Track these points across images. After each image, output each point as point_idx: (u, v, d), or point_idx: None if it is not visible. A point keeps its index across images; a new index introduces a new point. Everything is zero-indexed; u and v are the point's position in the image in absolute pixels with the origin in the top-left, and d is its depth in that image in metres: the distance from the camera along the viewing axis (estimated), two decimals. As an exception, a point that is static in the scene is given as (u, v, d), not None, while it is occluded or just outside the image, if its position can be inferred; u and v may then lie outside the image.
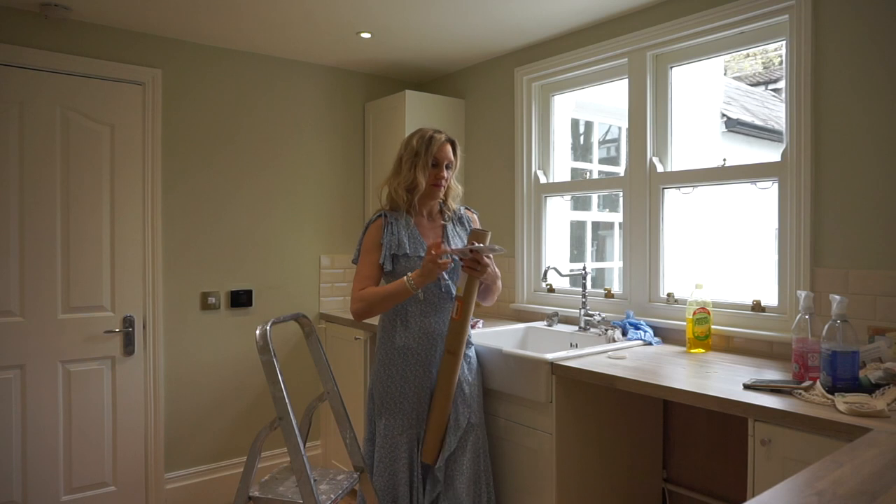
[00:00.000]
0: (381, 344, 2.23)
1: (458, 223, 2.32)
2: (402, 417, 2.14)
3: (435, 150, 2.17)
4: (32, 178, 2.69)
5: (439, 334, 2.17)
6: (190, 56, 3.09)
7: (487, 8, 2.65)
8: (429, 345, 2.16)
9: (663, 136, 2.64)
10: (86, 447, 2.81)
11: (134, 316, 2.93)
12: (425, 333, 2.16)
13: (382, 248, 2.15)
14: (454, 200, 2.32)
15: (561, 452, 2.11)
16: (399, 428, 2.14)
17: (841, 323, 1.64)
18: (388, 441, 2.14)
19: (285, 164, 3.39)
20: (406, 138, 2.24)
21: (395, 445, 2.13)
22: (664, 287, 2.63)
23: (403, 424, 2.14)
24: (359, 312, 2.12)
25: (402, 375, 2.15)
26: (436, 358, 2.17)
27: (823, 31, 2.08)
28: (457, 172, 2.28)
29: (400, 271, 2.14)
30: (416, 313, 2.17)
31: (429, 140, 2.17)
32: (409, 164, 2.17)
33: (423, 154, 2.16)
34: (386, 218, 2.19)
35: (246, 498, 1.94)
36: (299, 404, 2.82)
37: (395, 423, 2.14)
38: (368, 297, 2.10)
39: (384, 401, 2.17)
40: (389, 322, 2.20)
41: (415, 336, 2.16)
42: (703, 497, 2.42)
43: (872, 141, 1.97)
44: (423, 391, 2.15)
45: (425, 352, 2.16)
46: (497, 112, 3.34)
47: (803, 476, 0.99)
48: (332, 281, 3.57)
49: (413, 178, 2.16)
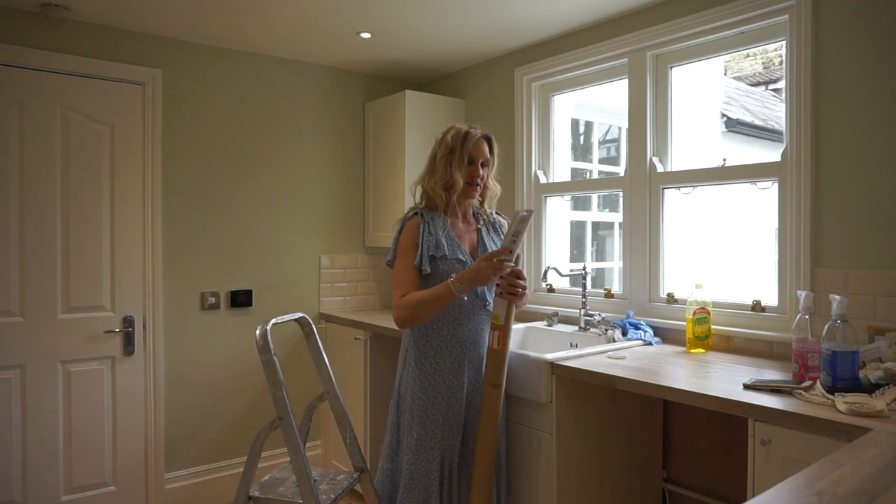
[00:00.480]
0: (410, 352, 2.11)
1: (492, 229, 2.21)
2: (434, 428, 2.03)
3: (470, 146, 2.06)
4: (32, 178, 2.69)
5: (471, 343, 2.08)
6: (190, 56, 3.09)
7: (487, 8, 2.65)
8: (460, 353, 2.06)
9: (663, 136, 2.64)
10: (86, 447, 2.81)
11: (134, 316, 2.93)
12: (458, 341, 2.06)
13: (419, 248, 2.02)
14: (491, 202, 2.22)
15: (561, 452, 2.10)
16: (432, 440, 2.02)
17: (841, 323, 1.64)
18: (421, 456, 2.02)
19: (285, 164, 3.39)
20: (441, 135, 2.12)
21: (430, 459, 2.02)
22: (664, 287, 2.63)
23: (436, 436, 2.02)
24: (402, 320, 2.01)
25: (434, 385, 2.05)
26: (465, 367, 2.07)
27: (823, 31, 2.08)
28: (494, 171, 2.17)
29: (437, 275, 2.02)
30: (448, 320, 2.06)
31: (464, 136, 2.06)
32: (444, 162, 2.06)
33: (458, 151, 2.05)
34: (422, 217, 2.07)
35: (246, 498, 1.94)
36: (299, 404, 2.81)
37: (427, 434, 2.02)
38: (411, 303, 1.98)
39: (415, 412, 2.04)
40: (420, 329, 2.08)
41: (447, 343, 2.06)
42: (703, 497, 2.42)
43: (872, 141, 1.97)
44: (456, 401, 2.05)
45: (457, 360, 2.06)
46: (497, 112, 3.34)
47: (803, 476, 0.99)
48: (332, 281, 3.57)
49: (450, 176, 2.05)
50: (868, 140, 1.98)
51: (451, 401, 2.05)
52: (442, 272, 2.02)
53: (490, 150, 2.12)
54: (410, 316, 1.99)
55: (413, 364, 2.08)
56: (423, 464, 2.02)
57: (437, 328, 2.06)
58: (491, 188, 2.17)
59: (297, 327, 2.49)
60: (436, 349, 2.06)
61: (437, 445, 2.02)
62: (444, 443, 2.03)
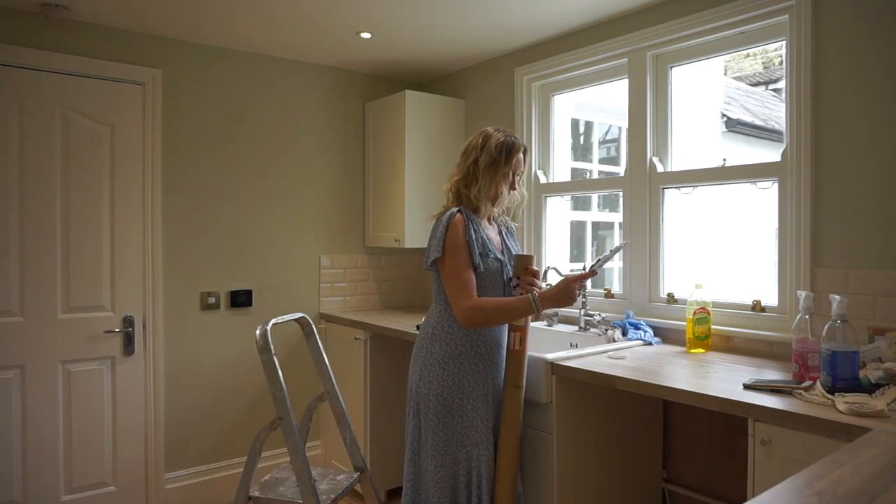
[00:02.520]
0: (434, 352, 2.04)
1: (507, 232, 2.22)
2: (462, 432, 1.99)
3: (514, 160, 2.06)
4: (32, 177, 2.69)
5: (496, 344, 2.07)
6: (190, 56, 3.09)
7: (487, 8, 2.65)
8: (487, 355, 2.04)
9: (663, 136, 2.64)
10: (86, 447, 2.81)
11: (134, 316, 2.93)
12: (485, 343, 2.04)
13: (470, 246, 1.99)
14: (515, 205, 2.21)
15: (561, 452, 2.10)
16: (460, 442, 1.99)
17: (841, 323, 1.64)
18: (448, 458, 1.98)
19: (285, 164, 3.39)
20: (479, 139, 2.08)
21: (457, 461, 1.99)
22: (664, 287, 2.63)
23: (462, 440, 1.99)
24: (473, 323, 1.97)
25: (461, 387, 2.00)
26: (491, 369, 2.05)
27: (823, 31, 2.08)
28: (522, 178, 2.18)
29: (482, 275, 2.01)
30: None
31: (509, 149, 2.05)
32: (489, 173, 2.03)
33: (503, 164, 2.04)
34: (466, 215, 2.04)
35: (246, 498, 1.94)
36: (299, 404, 2.81)
37: (454, 437, 1.98)
38: (487, 309, 1.96)
39: (441, 415, 1.99)
40: (449, 330, 2.03)
41: (474, 345, 2.02)
42: (703, 497, 2.42)
43: (872, 141, 1.97)
44: (484, 404, 2.02)
45: (484, 363, 2.03)
46: (497, 112, 3.34)
47: (803, 476, 0.99)
48: (332, 281, 3.57)
49: (496, 189, 2.04)
50: (868, 140, 1.98)
51: (479, 404, 2.01)
52: (485, 271, 2.02)
53: (525, 160, 2.13)
54: (484, 321, 1.98)
55: (437, 365, 2.01)
56: (449, 467, 1.98)
57: (468, 329, 2.02)
58: (518, 196, 2.16)
59: (297, 327, 2.49)
60: (462, 350, 2.01)
61: (463, 450, 1.99)
62: (470, 448, 1.99)
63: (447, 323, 2.04)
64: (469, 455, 1.99)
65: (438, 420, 1.99)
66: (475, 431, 2.00)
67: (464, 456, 1.99)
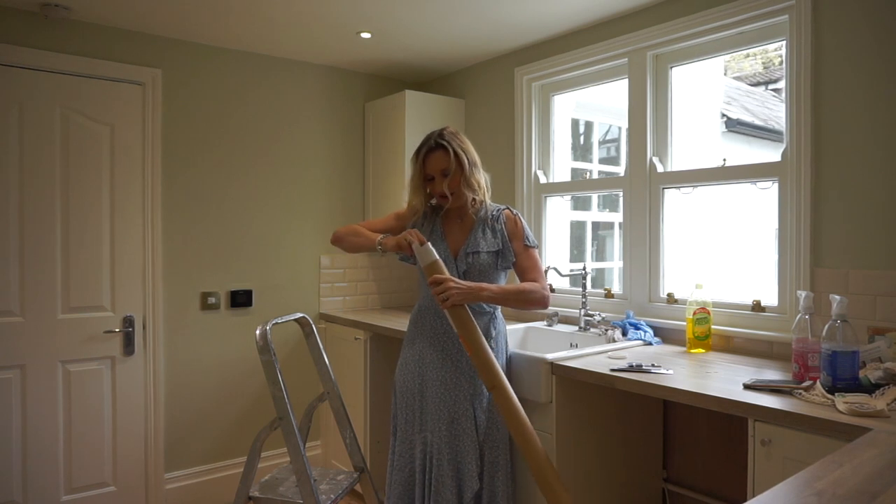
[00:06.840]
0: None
1: (487, 225, 2.11)
2: (407, 412, 2.11)
3: (420, 165, 2.07)
4: (32, 178, 2.69)
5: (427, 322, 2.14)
6: (190, 56, 3.09)
7: (487, 8, 2.65)
8: (418, 330, 2.15)
9: (663, 136, 2.64)
10: (86, 447, 2.81)
11: (134, 316, 2.93)
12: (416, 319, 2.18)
13: (400, 222, 2.19)
14: (478, 197, 2.10)
15: (561, 452, 2.11)
16: (410, 430, 2.11)
17: (841, 323, 1.64)
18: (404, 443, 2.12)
19: (286, 165, 3.39)
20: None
21: (412, 444, 2.10)
22: (664, 287, 2.63)
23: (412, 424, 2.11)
24: (337, 233, 2.18)
25: (404, 369, 2.16)
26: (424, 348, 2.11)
27: (823, 31, 2.08)
28: (470, 167, 2.05)
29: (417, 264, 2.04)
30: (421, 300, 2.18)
31: (415, 155, 2.09)
32: (410, 187, 2.15)
33: (415, 176, 2.11)
34: (426, 213, 2.19)
35: (246, 498, 1.94)
36: (299, 404, 2.81)
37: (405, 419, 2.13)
38: (355, 225, 2.18)
39: (398, 398, 2.17)
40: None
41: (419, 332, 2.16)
42: (703, 497, 2.42)
43: (872, 141, 1.97)
44: (413, 384, 2.11)
45: (417, 340, 2.15)
46: (497, 112, 3.34)
47: (803, 476, 0.99)
48: (332, 281, 3.57)
49: (415, 202, 2.14)
50: (868, 140, 1.98)
51: (411, 385, 2.13)
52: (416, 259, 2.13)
53: (450, 154, 2.00)
54: (345, 230, 2.19)
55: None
56: (406, 448, 2.12)
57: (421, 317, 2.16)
58: (463, 193, 2.05)
59: (297, 327, 2.49)
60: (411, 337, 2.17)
61: (417, 435, 2.09)
62: (420, 435, 2.08)
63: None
64: (422, 440, 2.07)
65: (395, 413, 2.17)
66: (412, 415, 2.10)
67: (419, 441, 2.07)
